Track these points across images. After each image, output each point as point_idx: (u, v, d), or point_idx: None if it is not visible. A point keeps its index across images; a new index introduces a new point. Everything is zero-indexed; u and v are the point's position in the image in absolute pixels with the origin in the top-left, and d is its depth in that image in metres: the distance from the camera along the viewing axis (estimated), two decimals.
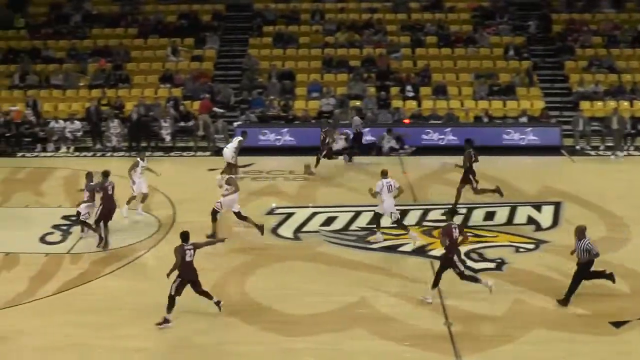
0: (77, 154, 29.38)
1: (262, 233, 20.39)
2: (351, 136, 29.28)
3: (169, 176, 25.53)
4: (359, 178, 26.06)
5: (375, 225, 20.46)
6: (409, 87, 33.22)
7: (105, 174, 20.85)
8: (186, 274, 15.70)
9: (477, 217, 22.12)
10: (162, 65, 35.48)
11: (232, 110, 33.18)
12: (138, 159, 22.18)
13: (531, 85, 33.73)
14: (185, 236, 15.95)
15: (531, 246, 19.95)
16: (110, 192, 20.61)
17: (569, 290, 16.33)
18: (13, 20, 38.78)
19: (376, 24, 37.22)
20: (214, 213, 20.53)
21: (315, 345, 15.11)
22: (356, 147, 29.41)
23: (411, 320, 15.93)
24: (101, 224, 20.20)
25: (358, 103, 32.32)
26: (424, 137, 29.99)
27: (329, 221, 21.64)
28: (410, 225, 21.22)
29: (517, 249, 19.82)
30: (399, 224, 20.41)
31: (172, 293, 15.60)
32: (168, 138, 30.67)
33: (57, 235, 21.13)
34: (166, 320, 15.59)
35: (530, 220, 21.96)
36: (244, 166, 26.91)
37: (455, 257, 16.71)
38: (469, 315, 16.10)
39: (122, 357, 14.83)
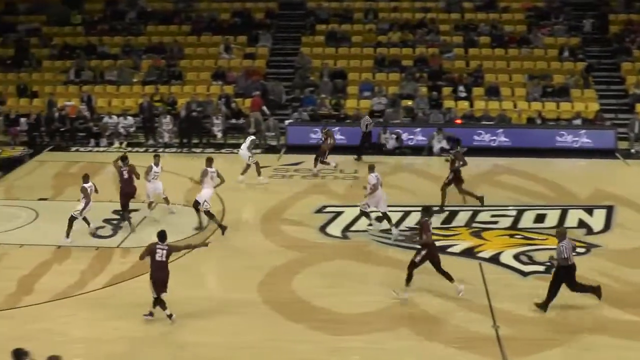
0: (129, 149, 29.69)
1: (223, 233, 20.60)
2: (402, 135, 29.17)
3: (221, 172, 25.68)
4: (408, 178, 25.99)
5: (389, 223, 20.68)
6: (461, 88, 33.01)
7: (123, 158, 21.53)
8: (156, 274, 15.71)
9: (528, 219, 21.89)
10: (214, 63, 35.71)
11: (284, 108, 33.26)
12: (152, 163, 21.97)
13: (586, 87, 33.25)
14: (161, 235, 15.93)
15: (582, 250, 19.66)
16: (125, 177, 21.23)
17: (548, 295, 16.14)
18: (70, 17, 39.30)
19: (429, 24, 37.02)
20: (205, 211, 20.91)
21: (361, 345, 15.12)
22: (367, 146, 29.30)
23: (458, 322, 15.86)
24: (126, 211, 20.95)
25: (409, 103, 32.20)
26: (476, 138, 29.72)
27: (378, 220, 21.53)
28: (459, 227, 21.13)
29: None
30: (364, 214, 20.88)
31: (154, 295, 15.75)
32: (219, 135, 30.85)
33: (107, 230, 21.39)
34: (151, 314, 15.82)
35: (582, 224, 21.66)
36: (295, 164, 27.09)
37: (425, 251, 16.82)
38: (517, 319, 15.97)
39: (167, 351, 15.00)
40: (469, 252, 19.54)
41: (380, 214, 20.97)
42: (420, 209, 21.70)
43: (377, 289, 17.33)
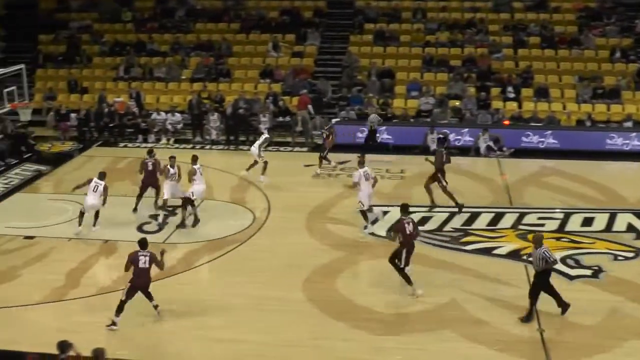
0: (176, 145, 29.87)
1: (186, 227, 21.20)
2: (449, 135, 28.98)
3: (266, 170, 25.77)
4: (455, 179, 25.72)
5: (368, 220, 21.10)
6: (509, 88, 32.68)
7: (149, 152, 22.48)
8: (138, 280, 15.76)
9: (575, 222, 21.62)
10: (262, 61, 35.78)
11: (331, 107, 33.25)
12: (168, 165, 21.91)
13: (638, 89, 32.70)
14: (142, 243, 16.01)
15: (630, 255, 19.40)
16: (150, 169, 21.97)
17: (530, 304, 15.92)
18: (120, 14, 39.71)
19: (478, 24, 36.73)
20: (188, 201, 21.31)
21: (404, 345, 15.11)
22: (371, 144, 29.32)
23: (502, 325, 15.75)
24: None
25: (457, 103, 31.97)
26: (524, 139, 29.39)
27: (423, 221, 21.45)
28: (505, 229, 20.97)
29: (616, 257, 19.26)
30: (363, 214, 21.04)
31: (123, 298, 15.74)
32: (266, 132, 30.88)
33: (153, 225, 21.57)
34: (113, 323, 15.73)
35: (631, 228, 21.31)
36: (342, 162, 27.05)
37: (405, 252, 16.90)
38: (563, 322, 15.84)
39: (208, 347, 15.13)
40: (515, 255, 19.35)
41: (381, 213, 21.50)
42: (464, 210, 21.94)
43: (421, 289, 17.23)
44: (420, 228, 20.70)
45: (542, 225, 21.28)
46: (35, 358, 13.65)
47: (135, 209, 22.39)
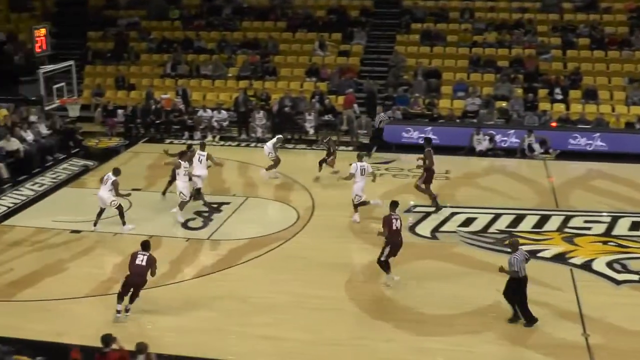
0: (222, 143, 30.03)
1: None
2: (495, 136, 28.77)
3: (310, 169, 25.77)
4: (501, 180, 25.64)
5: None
6: (557, 90, 32.32)
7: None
8: (132, 278, 15.90)
9: (622, 226, 21.30)
10: (308, 59, 35.82)
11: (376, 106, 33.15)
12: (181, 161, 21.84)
13: None
14: (144, 245, 16.29)
15: None
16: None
17: (521, 312, 15.77)
18: (168, 12, 40.02)
19: (526, 24, 36.38)
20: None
21: (447, 346, 15.02)
22: (376, 142, 29.37)
23: (547, 328, 15.58)
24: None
25: (504, 104, 31.70)
26: (571, 141, 29.03)
27: (467, 222, 21.35)
28: (551, 231, 20.75)
29: None
30: (355, 206, 21.65)
31: (120, 290, 16.00)
32: (311, 131, 30.92)
33: (198, 222, 21.68)
34: (118, 311, 16.00)
35: None
36: (386, 162, 26.99)
37: (388, 248, 17.26)
38: (609, 328, 15.64)
39: (251, 344, 15.18)
40: (560, 258, 19.13)
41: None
42: (512, 212, 21.77)
43: (465, 291, 17.18)
44: (464, 229, 20.80)
45: (589, 228, 21.02)
46: (79, 351, 13.76)
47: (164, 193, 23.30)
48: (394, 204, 18.02)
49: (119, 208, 20.87)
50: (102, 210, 20.94)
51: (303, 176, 25.27)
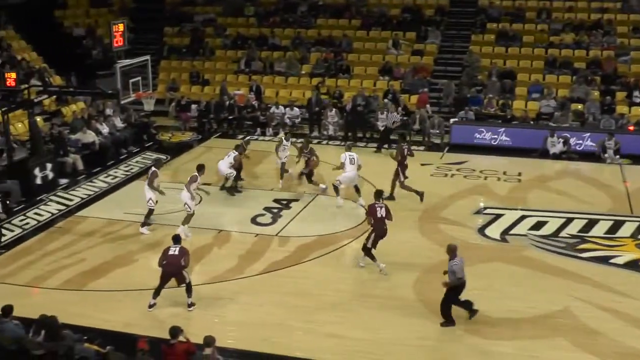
0: (293, 139, 30.11)
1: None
2: (570, 139, 28.26)
3: (380, 168, 25.67)
4: (574, 184, 25.18)
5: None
6: (636, 93, 31.57)
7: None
8: (167, 267, 16.08)
9: None
10: (382, 58, 35.70)
11: (450, 106, 32.90)
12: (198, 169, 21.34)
13: None
14: (175, 239, 16.57)
15: None
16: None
17: (444, 310, 15.62)
18: (244, 9, 40.32)
19: (605, 25, 35.68)
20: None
21: (513, 351, 14.83)
22: (385, 140, 29.28)
23: (618, 337, 15.28)
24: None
25: (580, 107, 31.13)
26: None
27: (538, 225, 21.03)
28: (624, 237, 20.32)
29: None
30: (335, 189, 22.45)
31: (158, 283, 16.27)
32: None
33: (267, 217, 21.80)
34: (150, 305, 16.40)
35: None
36: (457, 163, 26.78)
37: (374, 235, 17.73)
38: None
39: (316, 341, 15.20)
40: (633, 265, 18.70)
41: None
42: (584, 216, 21.40)
43: (533, 295, 16.95)
44: (535, 232, 20.48)
45: None
46: (146, 341, 13.94)
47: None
48: (377, 193, 18.51)
49: (151, 211, 20.97)
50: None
51: (373, 175, 25.16)
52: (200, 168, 20.80)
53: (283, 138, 25.49)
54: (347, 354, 14.76)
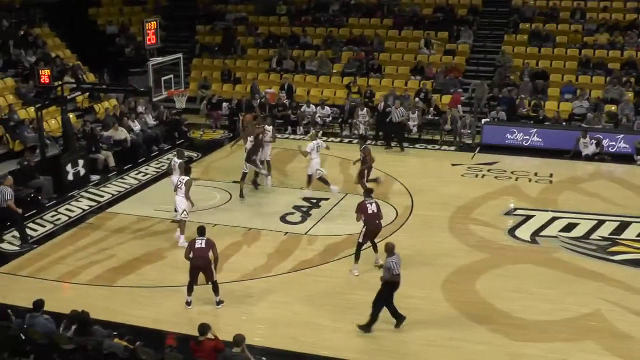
0: (324, 139, 30.08)
1: None
2: (602, 141, 27.99)
3: (411, 167, 25.69)
4: (607, 186, 24.93)
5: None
6: None
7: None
8: (195, 261, 16.14)
9: None
10: (414, 58, 35.60)
11: (483, 107, 32.69)
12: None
13: None
14: (201, 230, 16.61)
15: None
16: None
17: (372, 314, 15.30)
18: (276, 7, 40.40)
19: None
20: None
21: (542, 353, 14.71)
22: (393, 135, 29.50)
23: None
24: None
25: (613, 108, 30.82)
26: None
27: (569, 227, 20.85)
28: None
29: None
30: (323, 180, 22.89)
31: (189, 279, 16.35)
32: (415, 130, 30.72)
33: (297, 216, 21.80)
34: (188, 303, 16.46)
35: None
36: (489, 164, 26.64)
37: (365, 230, 17.80)
38: None
39: (344, 340, 15.20)
40: None
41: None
42: (616, 219, 21.20)
43: (563, 297, 16.82)
44: (565, 235, 20.31)
45: None
46: (175, 338, 14.02)
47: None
48: (368, 192, 18.43)
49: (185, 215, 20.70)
50: None
51: (404, 175, 25.13)
52: (188, 170, 20.58)
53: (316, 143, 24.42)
54: (375, 354, 14.74)
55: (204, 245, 16.17)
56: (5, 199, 19.93)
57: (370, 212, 17.80)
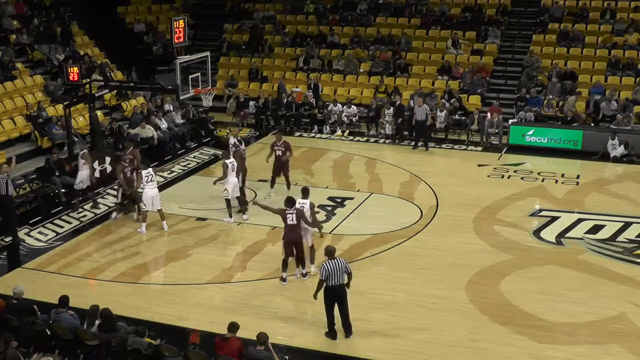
0: (350, 138, 30.09)
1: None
2: (630, 142, 27.76)
3: (437, 167, 25.60)
4: (634, 187, 24.70)
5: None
6: None
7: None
8: (288, 236, 17.04)
9: None
10: (441, 57, 35.47)
11: (509, 107, 32.52)
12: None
13: None
14: (290, 201, 17.26)
15: None
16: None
17: (327, 318, 15.20)
18: (303, 6, 40.41)
19: None
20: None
21: (567, 356, 14.61)
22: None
23: None
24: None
25: None
26: None
27: (595, 229, 20.67)
28: None
29: None
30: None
31: (283, 256, 17.29)
32: (442, 128, 30.58)
33: (321, 215, 21.74)
34: (283, 279, 17.38)
35: None
36: (515, 164, 26.49)
37: (283, 241, 17.48)
38: None
39: (368, 339, 15.16)
40: None
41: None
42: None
43: (588, 299, 16.69)
44: (591, 236, 20.15)
45: None
46: (198, 335, 14.08)
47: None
48: (289, 200, 17.64)
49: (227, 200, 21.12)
50: None
51: (429, 175, 25.06)
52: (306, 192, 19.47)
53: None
54: (398, 354, 14.69)
55: (294, 221, 16.99)
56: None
57: (289, 222, 17.18)
